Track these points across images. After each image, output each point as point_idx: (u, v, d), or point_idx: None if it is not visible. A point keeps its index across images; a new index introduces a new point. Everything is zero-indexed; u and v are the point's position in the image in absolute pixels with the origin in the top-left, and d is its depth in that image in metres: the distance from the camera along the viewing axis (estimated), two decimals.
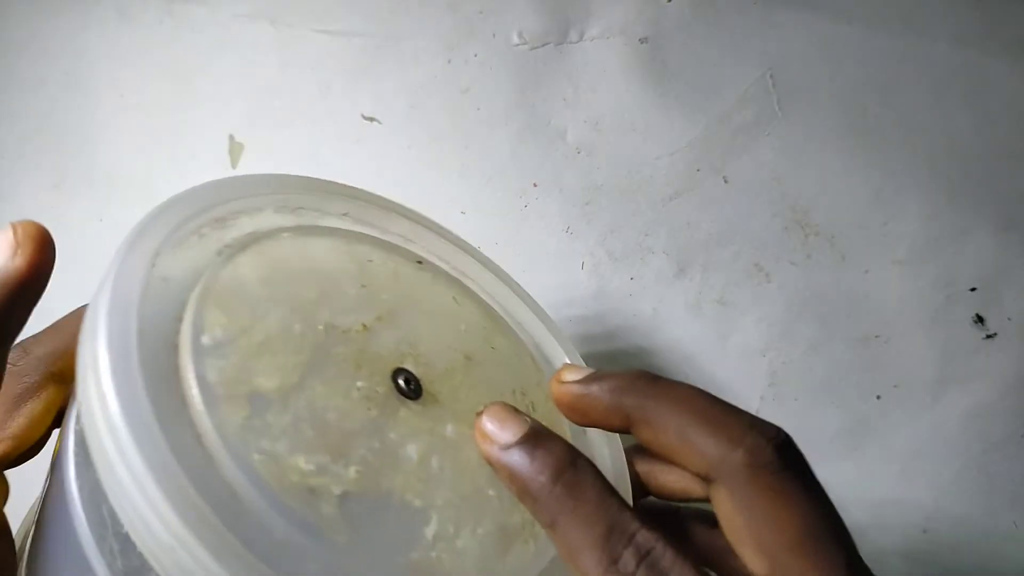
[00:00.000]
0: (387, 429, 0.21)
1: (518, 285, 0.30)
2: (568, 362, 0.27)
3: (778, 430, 0.19)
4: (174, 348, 0.18)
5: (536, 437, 0.20)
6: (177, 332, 0.19)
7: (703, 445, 0.19)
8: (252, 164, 0.41)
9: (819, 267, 0.41)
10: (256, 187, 0.23)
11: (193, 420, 0.17)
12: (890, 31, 0.42)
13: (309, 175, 0.26)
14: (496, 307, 0.28)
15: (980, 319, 0.41)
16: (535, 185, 0.41)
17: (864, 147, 0.41)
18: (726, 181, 0.41)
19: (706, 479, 0.20)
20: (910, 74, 0.42)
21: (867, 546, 0.40)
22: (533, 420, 0.21)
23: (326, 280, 0.22)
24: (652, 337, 0.40)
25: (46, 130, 0.40)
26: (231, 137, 0.41)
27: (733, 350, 0.40)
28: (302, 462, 0.18)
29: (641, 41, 0.42)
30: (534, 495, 0.19)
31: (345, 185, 0.26)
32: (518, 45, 0.41)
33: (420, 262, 0.26)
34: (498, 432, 0.20)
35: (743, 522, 0.19)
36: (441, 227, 0.29)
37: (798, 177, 0.41)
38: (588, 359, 0.40)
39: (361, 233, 0.25)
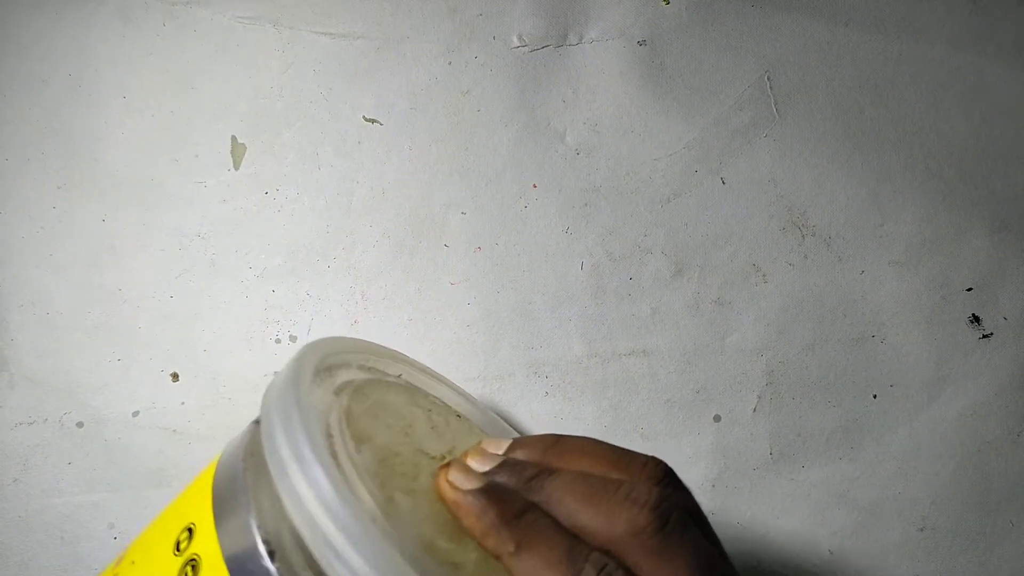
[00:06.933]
0: None
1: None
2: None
3: (649, 490, 0.23)
4: (335, 455, 0.23)
5: (500, 489, 0.25)
6: (332, 445, 0.24)
7: (592, 527, 0.22)
8: (254, 165, 0.41)
9: (816, 268, 0.41)
10: (346, 347, 0.30)
11: (369, 511, 0.22)
12: (887, 34, 0.42)
13: (372, 341, 0.32)
14: None
15: (976, 319, 0.41)
16: (535, 186, 0.41)
17: (861, 149, 0.42)
18: (724, 182, 0.42)
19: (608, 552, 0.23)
20: (907, 76, 0.42)
21: (864, 544, 0.41)
22: (491, 479, 0.25)
23: (408, 419, 0.29)
24: (650, 337, 0.41)
25: (49, 132, 0.41)
26: (233, 138, 0.41)
27: (731, 350, 0.41)
28: (443, 542, 0.24)
29: (640, 43, 0.42)
30: (501, 524, 0.23)
31: (398, 352, 0.34)
32: (518, 47, 0.42)
33: (459, 415, 0.33)
34: (462, 479, 0.25)
35: None
36: (463, 391, 0.36)
37: (795, 179, 0.42)
38: (586, 359, 0.40)
39: (417, 390, 0.33)
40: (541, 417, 0.40)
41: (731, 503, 0.40)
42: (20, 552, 0.39)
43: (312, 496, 0.21)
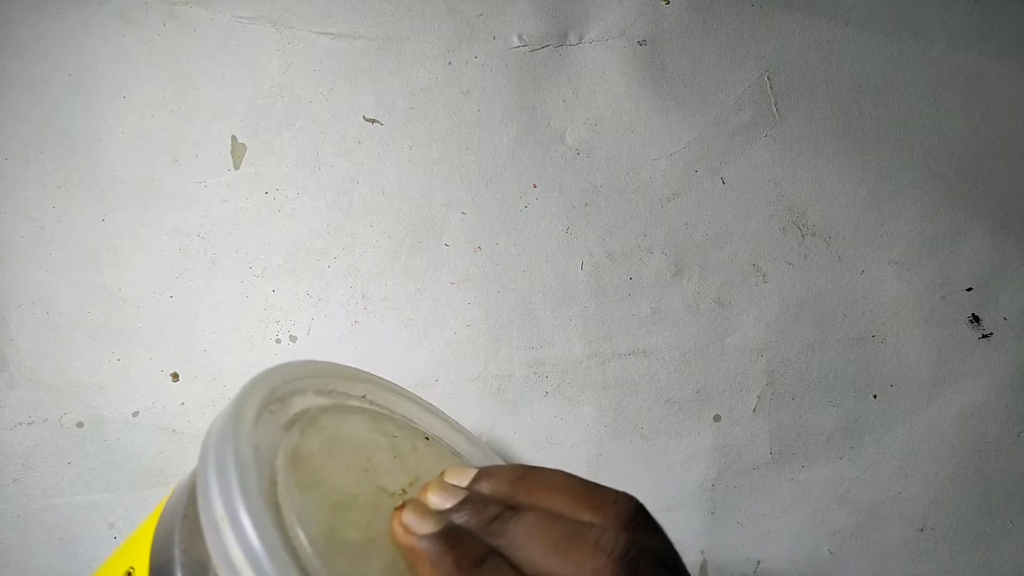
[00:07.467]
0: None
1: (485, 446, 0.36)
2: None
3: (617, 536, 0.21)
4: (277, 507, 0.22)
5: (457, 533, 0.23)
6: (275, 493, 0.23)
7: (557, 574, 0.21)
8: (254, 165, 0.41)
9: (816, 267, 0.41)
10: (300, 372, 0.28)
11: (306, 568, 0.21)
12: (887, 33, 0.42)
13: (336, 361, 0.31)
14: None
15: (976, 319, 0.41)
16: (535, 186, 0.41)
17: (861, 148, 0.42)
18: (724, 182, 0.42)
19: None
20: (907, 76, 0.42)
21: (864, 544, 0.41)
22: (449, 521, 0.24)
23: (368, 450, 0.27)
24: (650, 337, 0.41)
25: (50, 132, 0.41)
26: (234, 138, 0.41)
27: (731, 350, 0.41)
28: None
29: (640, 43, 0.42)
30: (458, 574, 0.22)
31: (361, 371, 0.32)
32: (518, 47, 0.42)
33: (427, 438, 0.31)
34: (417, 523, 0.23)
35: None
36: (433, 406, 0.34)
37: (795, 178, 0.42)
38: (586, 359, 0.40)
39: (381, 413, 0.31)
40: (541, 417, 0.40)
41: (731, 503, 0.40)
42: (20, 552, 0.39)
43: (245, 562, 0.20)
